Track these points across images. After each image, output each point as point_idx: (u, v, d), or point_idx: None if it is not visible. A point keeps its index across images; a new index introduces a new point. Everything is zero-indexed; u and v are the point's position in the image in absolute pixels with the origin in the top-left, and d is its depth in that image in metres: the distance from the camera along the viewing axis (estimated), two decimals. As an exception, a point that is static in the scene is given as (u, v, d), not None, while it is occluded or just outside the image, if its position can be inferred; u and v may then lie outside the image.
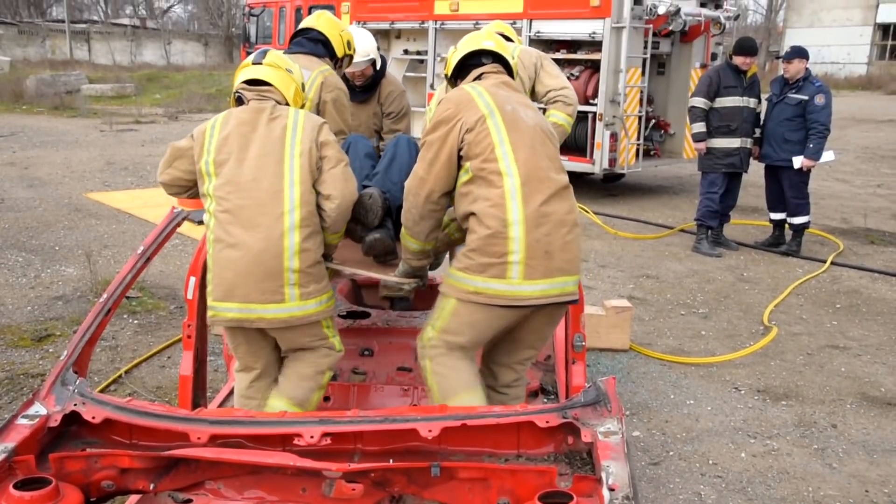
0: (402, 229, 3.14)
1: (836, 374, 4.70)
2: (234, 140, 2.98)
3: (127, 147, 14.27)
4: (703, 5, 10.07)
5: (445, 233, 3.29)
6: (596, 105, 9.37)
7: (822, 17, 46.15)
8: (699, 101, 7.38)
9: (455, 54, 3.22)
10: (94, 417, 2.37)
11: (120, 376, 4.42)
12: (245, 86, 3.13)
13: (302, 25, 3.95)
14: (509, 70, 3.18)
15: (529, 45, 9.72)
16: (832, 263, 7.06)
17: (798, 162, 7.07)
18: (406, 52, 11.55)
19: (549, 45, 9.78)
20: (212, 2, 49.78)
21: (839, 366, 4.82)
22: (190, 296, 3.41)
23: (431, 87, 10.85)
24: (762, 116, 7.48)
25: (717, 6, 10.22)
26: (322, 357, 3.13)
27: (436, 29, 10.75)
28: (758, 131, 7.47)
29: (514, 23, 9.82)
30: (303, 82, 3.26)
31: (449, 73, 3.26)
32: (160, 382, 4.38)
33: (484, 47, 3.13)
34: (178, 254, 7.00)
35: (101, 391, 4.14)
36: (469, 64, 3.15)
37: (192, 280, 3.40)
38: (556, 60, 9.41)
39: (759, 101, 7.51)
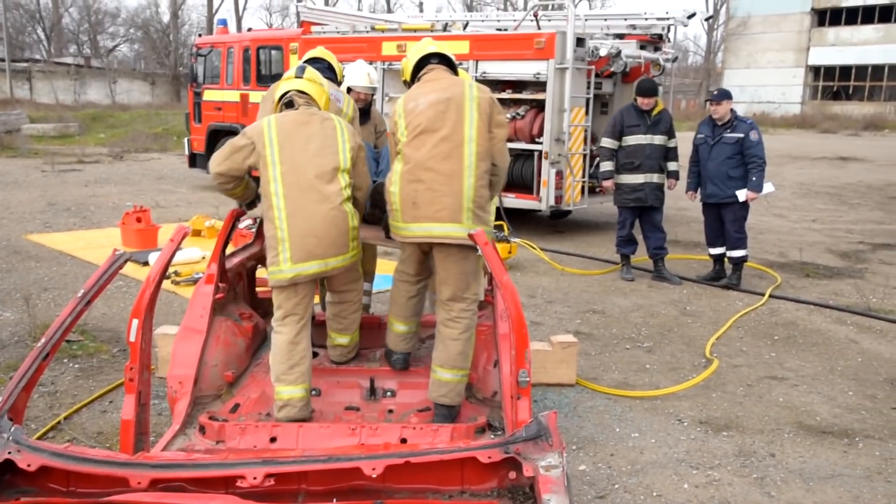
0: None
1: (774, 404, 4.83)
2: (295, 135, 3.85)
3: (70, 187, 14.02)
4: (642, 48, 10.42)
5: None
6: (541, 144, 9.57)
7: (758, 59, 47.99)
8: (606, 142, 7.81)
9: (409, 61, 4.17)
10: (29, 465, 2.32)
11: (58, 423, 4.31)
12: (296, 92, 4.03)
13: (312, 55, 4.88)
14: (453, 67, 4.14)
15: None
16: (770, 296, 7.28)
17: (742, 195, 7.36)
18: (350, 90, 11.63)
19: (494, 85, 9.96)
20: (159, 41, 49.59)
21: (777, 396, 4.95)
22: (133, 338, 3.37)
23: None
24: (689, 155, 7.79)
25: (657, 49, 10.57)
26: (359, 289, 4.27)
27: (384, 69, 10.88)
28: (671, 165, 7.84)
29: (461, 63, 10.01)
30: (332, 95, 4.34)
31: (408, 78, 4.21)
32: (101, 428, 4.28)
33: (429, 51, 4.11)
34: (122, 296, 6.87)
35: (39, 438, 4.02)
36: (420, 66, 4.13)
37: (135, 322, 3.36)
38: (502, 100, 9.68)
39: (670, 138, 7.83)
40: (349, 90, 5.27)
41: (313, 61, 4.77)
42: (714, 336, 6.09)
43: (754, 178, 7.31)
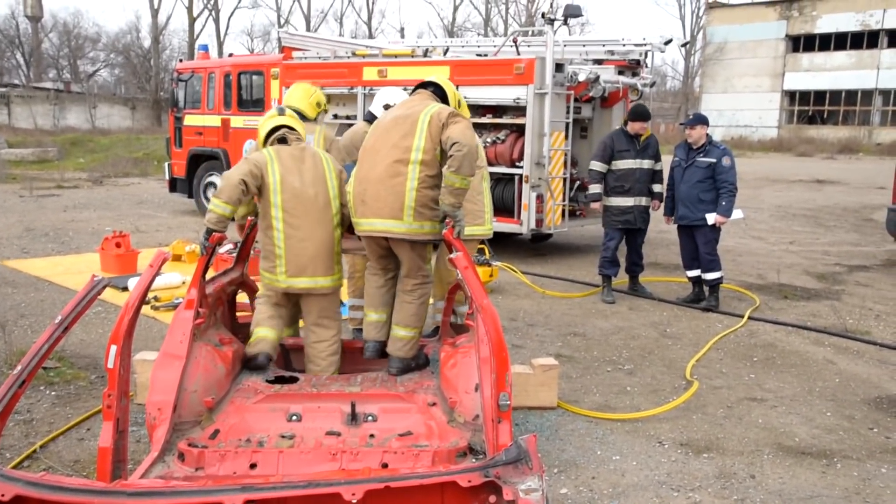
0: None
1: (753, 425, 4.86)
2: (293, 168, 4.52)
3: (48, 212, 13.92)
4: (621, 73, 10.55)
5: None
6: (522, 168, 9.64)
7: (735, 84, 48.74)
8: (596, 165, 7.95)
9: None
10: (3, 495, 2.29)
11: (34, 451, 4.25)
12: (287, 130, 4.71)
13: (287, 103, 5.48)
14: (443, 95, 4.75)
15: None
16: (749, 318, 7.34)
17: (711, 218, 7.47)
18: (336, 116, 11.70)
19: (475, 109, 10.04)
20: (139, 66, 49.57)
21: (757, 417, 4.98)
22: (111, 364, 3.34)
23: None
24: (667, 178, 7.96)
25: (635, 74, 10.71)
26: (334, 329, 4.77)
27: (364, 94, 10.94)
28: (656, 187, 8.02)
29: (442, 89, 10.10)
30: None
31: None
32: (78, 456, 4.23)
33: (427, 80, 4.84)
34: (101, 321, 6.81)
35: (14, 467, 3.97)
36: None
37: (114, 348, 3.34)
38: (483, 125, 9.76)
39: (657, 161, 8.03)
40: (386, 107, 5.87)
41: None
42: (694, 358, 6.13)
43: (724, 203, 7.42)
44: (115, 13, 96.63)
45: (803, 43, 47.05)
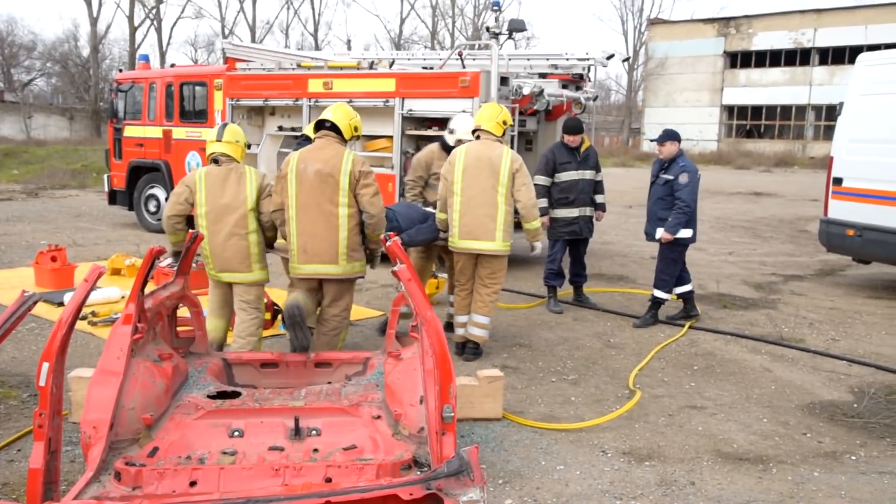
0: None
1: (694, 433, 4.95)
2: (216, 184, 5.46)
3: (-20, 225, 13.45)
4: (564, 87, 10.70)
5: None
6: (467, 180, 9.67)
7: (676, 98, 49.96)
8: (540, 179, 7.98)
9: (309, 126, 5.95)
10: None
11: (-38, 473, 4.09)
12: (215, 153, 5.56)
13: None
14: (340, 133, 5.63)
15: (402, 122, 10.04)
16: (690, 328, 7.50)
17: (659, 233, 7.51)
18: (280, 128, 11.60)
19: (421, 122, 10.10)
20: (78, 76, 48.39)
21: (697, 425, 5.09)
22: (42, 382, 3.24)
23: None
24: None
25: (578, 87, 10.88)
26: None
27: (310, 106, 10.88)
28: (599, 198, 8.20)
29: (388, 101, 10.12)
30: (247, 142, 5.83)
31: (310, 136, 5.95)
32: (7, 478, 4.08)
33: (323, 117, 5.67)
34: (35, 338, 6.60)
35: (-60, 491, 3.81)
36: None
37: (46, 365, 3.24)
38: (429, 137, 9.78)
39: (598, 172, 8.19)
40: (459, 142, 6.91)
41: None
42: (637, 367, 6.23)
43: (671, 220, 7.34)
44: (52, 21, 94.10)
45: (740, 59, 48.55)
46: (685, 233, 7.48)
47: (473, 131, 6.55)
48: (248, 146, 5.98)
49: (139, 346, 4.15)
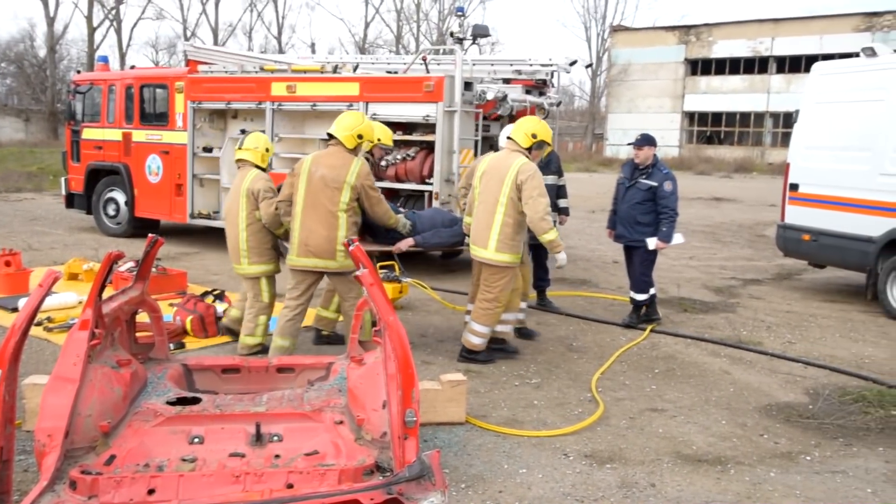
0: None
1: (654, 435, 5.02)
2: (232, 186, 6.54)
3: (-68, 229, 13.10)
4: (528, 92, 10.79)
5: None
6: (432, 184, 9.70)
7: (639, 104, 50.60)
8: None
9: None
10: None
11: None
12: (237, 159, 6.58)
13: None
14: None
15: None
16: (651, 331, 7.59)
17: (652, 243, 7.54)
18: (243, 131, 11.47)
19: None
20: (34, 76, 47.42)
21: (657, 427, 5.15)
22: (-7, 390, 3.17)
23: (270, 166, 10.79)
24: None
25: (542, 93, 10.98)
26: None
27: (273, 110, 10.81)
28: (562, 202, 8.23)
29: (351, 105, 10.09)
30: (267, 147, 6.64)
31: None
32: (-40, 488, 3.97)
33: (330, 132, 6.16)
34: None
35: None
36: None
37: (-2, 372, 3.17)
38: (393, 141, 9.77)
39: (560, 177, 8.26)
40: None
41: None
42: (599, 371, 6.28)
43: (664, 228, 7.45)
44: (6, 20, 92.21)
45: (701, 67, 49.36)
46: (676, 238, 7.62)
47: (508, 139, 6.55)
48: (267, 150, 6.62)
49: (96, 353, 4.08)
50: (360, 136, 6.06)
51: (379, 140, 6.83)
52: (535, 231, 6.19)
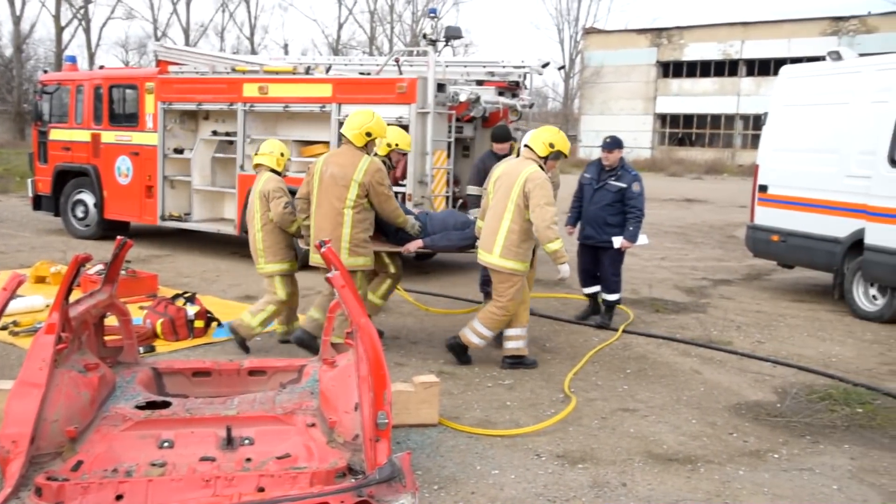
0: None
1: (626, 435, 5.05)
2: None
3: None
4: (501, 94, 10.82)
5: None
6: (405, 186, 9.69)
7: (611, 106, 50.96)
8: (473, 189, 8.04)
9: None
10: None
11: None
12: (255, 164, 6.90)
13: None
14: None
15: (339, 128, 9.97)
16: (623, 332, 7.65)
17: (618, 242, 7.63)
18: (215, 132, 11.41)
19: (358, 128, 10.03)
20: (0, 76, 46.59)
21: (629, 427, 5.19)
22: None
23: (241, 168, 10.74)
24: (575, 191, 8.13)
25: (514, 95, 11.01)
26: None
27: (245, 111, 10.73)
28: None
29: (324, 107, 10.06)
30: (282, 152, 6.84)
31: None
32: (-78, 495, 3.89)
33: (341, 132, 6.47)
34: (-48, 349, 6.33)
35: None
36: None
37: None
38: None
39: None
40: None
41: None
42: (571, 372, 6.31)
43: (631, 228, 7.56)
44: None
45: (672, 69, 49.85)
46: (641, 239, 7.74)
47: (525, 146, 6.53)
48: (282, 154, 6.83)
49: (63, 357, 4.02)
50: (368, 134, 6.22)
51: (396, 145, 7.05)
52: (539, 240, 6.10)
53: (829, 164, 8.95)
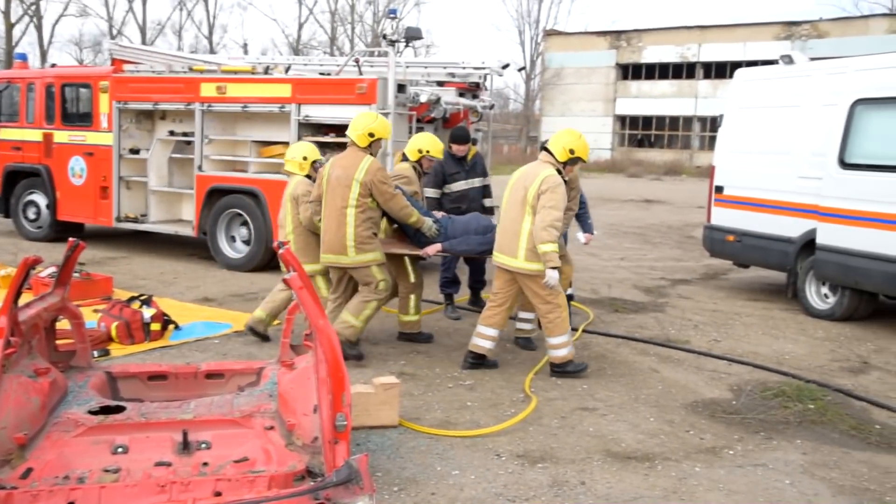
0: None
1: (585, 434, 5.10)
2: None
3: None
4: (461, 95, 10.84)
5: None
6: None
7: (572, 108, 51.42)
8: (430, 192, 8.05)
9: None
10: None
11: None
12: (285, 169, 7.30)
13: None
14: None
15: (298, 128, 9.91)
16: (583, 331, 7.71)
17: (581, 238, 7.97)
18: (172, 133, 11.24)
19: (317, 128, 9.99)
20: (-49, 74, 45.32)
21: (588, 426, 5.23)
22: None
23: (199, 168, 10.60)
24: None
25: (475, 96, 11.04)
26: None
27: (202, 111, 10.59)
28: (487, 202, 8.35)
29: (283, 107, 9.97)
30: (304, 155, 7.15)
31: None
32: None
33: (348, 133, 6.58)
34: None
35: None
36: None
37: None
38: (326, 144, 9.69)
39: (485, 177, 8.39)
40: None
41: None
42: (532, 371, 6.34)
43: (589, 222, 8.01)
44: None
45: (631, 71, 50.50)
46: (580, 237, 8.07)
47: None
48: (305, 158, 7.08)
49: (12, 362, 3.92)
50: (371, 135, 6.39)
51: (427, 151, 7.34)
52: (535, 239, 6.00)
53: (782, 166, 9.13)
